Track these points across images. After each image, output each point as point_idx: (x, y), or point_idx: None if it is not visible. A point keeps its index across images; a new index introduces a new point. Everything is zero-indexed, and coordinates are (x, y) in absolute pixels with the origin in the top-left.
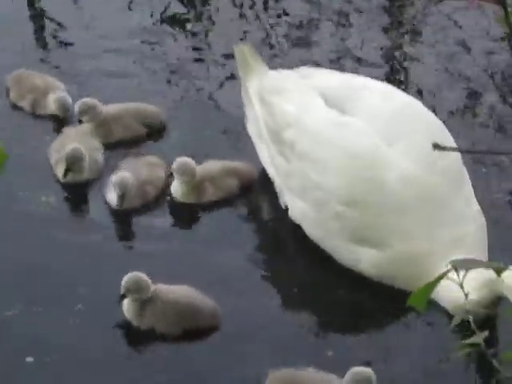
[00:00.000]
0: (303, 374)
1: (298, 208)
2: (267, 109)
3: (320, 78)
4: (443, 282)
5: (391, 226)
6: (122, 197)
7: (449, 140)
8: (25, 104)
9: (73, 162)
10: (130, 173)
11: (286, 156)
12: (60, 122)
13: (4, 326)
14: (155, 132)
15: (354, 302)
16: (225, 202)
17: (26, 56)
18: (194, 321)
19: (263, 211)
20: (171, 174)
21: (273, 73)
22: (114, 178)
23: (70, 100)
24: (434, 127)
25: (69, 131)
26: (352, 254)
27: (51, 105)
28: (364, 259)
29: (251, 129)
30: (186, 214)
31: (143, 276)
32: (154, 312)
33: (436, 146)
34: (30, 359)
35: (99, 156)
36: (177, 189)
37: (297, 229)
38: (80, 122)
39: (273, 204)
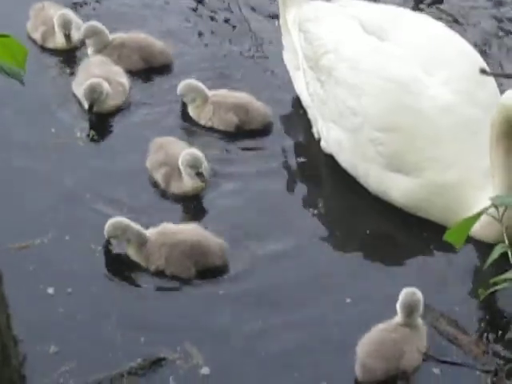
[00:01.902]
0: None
1: (332, 135)
2: (305, 36)
3: (359, 7)
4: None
5: (426, 154)
6: (201, 174)
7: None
8: (37, 36)
9: (94, 98)
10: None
11: (322, 82)
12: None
13: (30, 254)
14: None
15: (383, 233)
16: (258, 132)
17: None
18: (202, 260)
19: (295, 143)
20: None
21: (311, 2)
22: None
23: (71, 17)
24: (473, 59)
25: (88, 62)
26: (384, 182)
27: (59, 38)
28: (396, 187)
29: (287, 58)
30: (218, 142)
31: (122, 220)
32: (159, 253)
33: (483, 71)
34: (50, 290)
35: (125, 79)
36: (191, 109)
37: (328, 160)
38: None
39: (304, 135)
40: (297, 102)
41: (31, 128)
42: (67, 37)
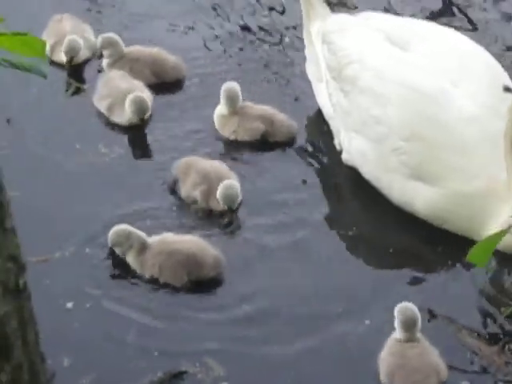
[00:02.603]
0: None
1: (354, 146)
2: (328, 47)
3: (383, 20)
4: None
5: (450, 164)
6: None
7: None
8: (47, 47)
9: (145, 108)
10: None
11: (346, 92)
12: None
13: (50, 268)
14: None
15: (406, 247)
16: (279, 145)
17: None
18: (195, 271)
19: (316, 155)
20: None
21: (334, 16)
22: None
23: (79, 43)
24: (497, 71)
25: (108, 77)
26: (408, 192)
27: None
28: (420, 197)
29: (310, 70)
30: (240, 156)
31: (125, 228)
32: (154, 261)
33: (507, 89)
34: (69, 305)
35: (148, 93)
36: (216, 117)
37: (350, 172)
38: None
39: (326, 148)
40: (318, 115)
41: (55, 144)
42: (69, 60)
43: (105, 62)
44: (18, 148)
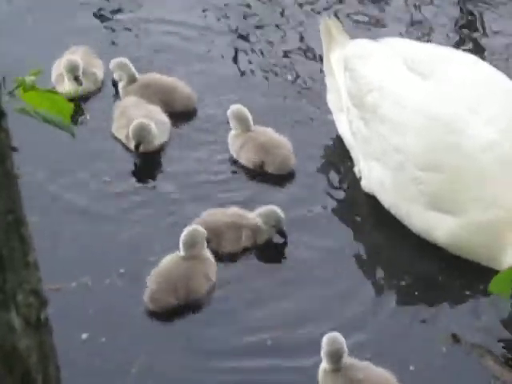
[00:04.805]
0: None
1: (374, 174)
2: (350, 74)
3: (404, 46)
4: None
5: (470, 193)
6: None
7: None
8: (53, 76)
9: (142, 136)
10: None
11: (366, 120)
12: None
13: (65, 298)
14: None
15: (425, 275)
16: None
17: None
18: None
19: (335, 182)
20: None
21: (355, 41)
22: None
23: (78, 62)
24: None
25: (123, 105)
26: (427, 221)
27: (67, 84)
28: (439, 226)
29: (330, 99)
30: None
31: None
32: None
33: None
34: (84, 336)
35: (165, 117)
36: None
37: (369, 199)
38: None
39: (344, 175)
40: (338, 142)
41: (84, 176)
42: (77, 80)
43: (120, 86)
44: (37, 175)
